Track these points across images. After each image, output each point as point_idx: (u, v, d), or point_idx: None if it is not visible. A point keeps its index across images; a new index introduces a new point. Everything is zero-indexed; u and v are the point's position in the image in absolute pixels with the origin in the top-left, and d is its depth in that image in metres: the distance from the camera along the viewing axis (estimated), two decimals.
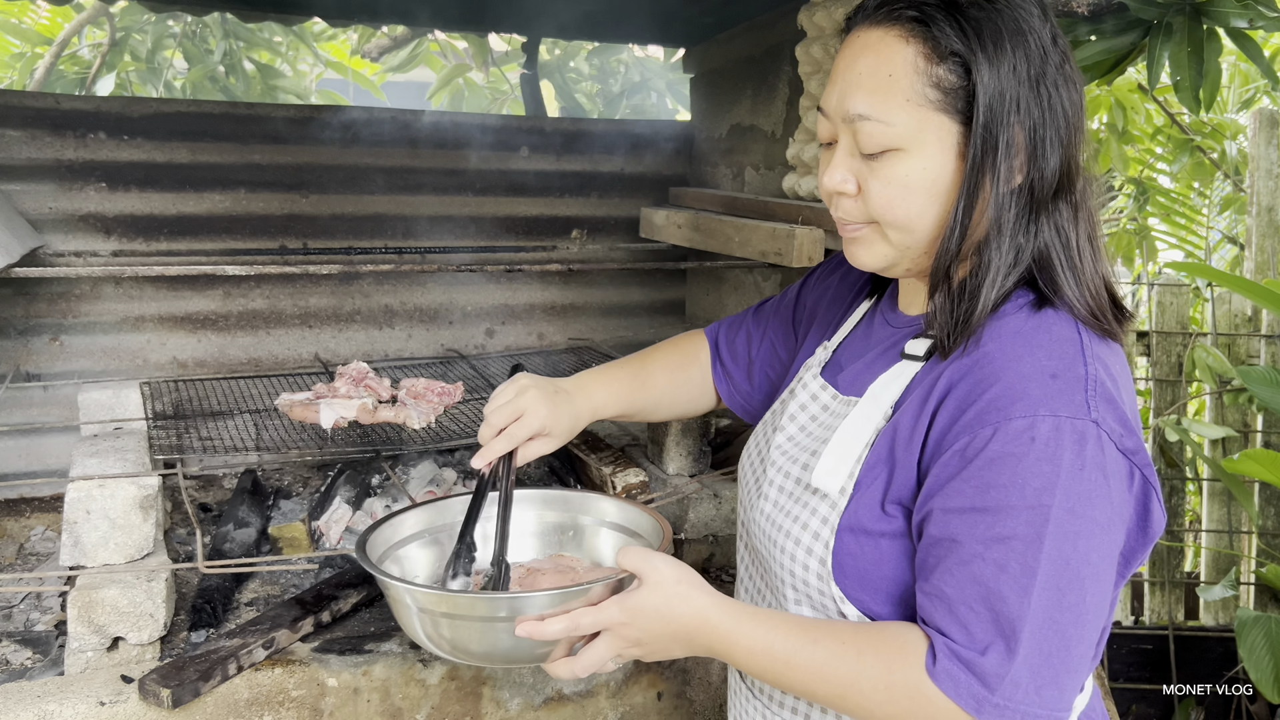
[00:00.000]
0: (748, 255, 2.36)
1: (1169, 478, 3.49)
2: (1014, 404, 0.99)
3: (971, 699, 0.97)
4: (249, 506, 2.32)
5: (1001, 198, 1.06)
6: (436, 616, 1.22)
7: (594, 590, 1.16)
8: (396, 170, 2.88)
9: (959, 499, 1.01)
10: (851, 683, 1.03)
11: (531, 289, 3.12)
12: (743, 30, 2.86)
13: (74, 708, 1.63)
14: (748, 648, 1.08)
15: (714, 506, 2.28)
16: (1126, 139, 4.05)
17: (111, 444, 2.08)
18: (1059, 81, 1.06)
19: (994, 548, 0.98)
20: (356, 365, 2.31)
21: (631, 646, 1.14)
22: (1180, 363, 3.54)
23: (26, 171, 2.51)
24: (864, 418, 1.15)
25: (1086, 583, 0.98)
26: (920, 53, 1.05)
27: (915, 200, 1.08)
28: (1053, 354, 1.02)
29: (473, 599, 1.24)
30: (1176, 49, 2.21)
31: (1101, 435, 0.99)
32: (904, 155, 1.07)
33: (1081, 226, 1.10)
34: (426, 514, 1.49)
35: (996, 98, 1.03)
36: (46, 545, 2.36)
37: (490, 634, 1.19)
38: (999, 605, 0.97)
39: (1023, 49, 1.04)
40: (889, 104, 1.06)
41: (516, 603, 1.16)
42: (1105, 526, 0.99)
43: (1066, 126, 1.07)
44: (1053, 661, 0.98)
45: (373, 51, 4.68)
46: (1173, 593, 3.53)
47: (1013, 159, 1.05)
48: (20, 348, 2.55)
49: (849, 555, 1.11)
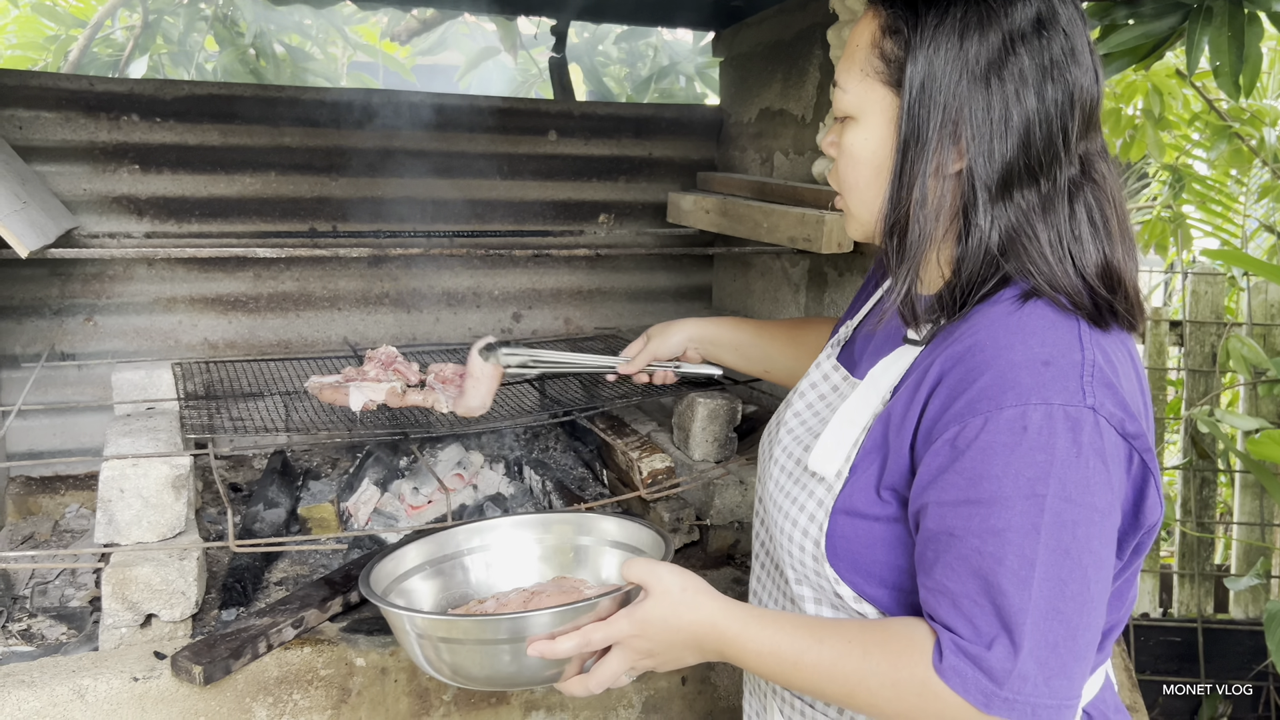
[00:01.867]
0: (776, 241, 2.35)
1: (1200, 469, 3.45)
2: (1005, 393, 0.98)
3: (980, 694, 0.97)
4: (279, 487, 2.34)
5: (934, 180, 1.06)
6: (437, 642, 1.21)
7: (601, 605, 1.16)
8: (425, 153, 2.88)
9: (953, 491, 1.00)
10: (859, 681, 1.03)
11: (558, 274, 3.12)
12: (773, 14, 2.84)
13: (108, 683, 1.66)
14: (755, 650, 1.09)
15: (740, 493, 2.28)
16: (1163, 125, 3.98)
17: (144, 423, 2.11)
18: (1024, 76, 1.04)
19: (990, 540, 0.97)
20: (385, 349, 2.33)
21: (644, 658, 1.15)
22: (1214, 353, 3.49)
23: (61, 153, 2.54)
24: (862, 402, 1.16)
25: (1089, 570, 0.97)
26: (878, 26, 1.10)
27: (861, 171, 1.13)
28: (1045, 341, 1.01)
29: (476, 621, 1.22)
30: (1216, 33, 2.17)
31: (1099, 420, 0.97)
32: (855, 124, 1.12)
33: (1062, 218, 1.06)
34: (428, 546, 1.49)
35: (927, 78, 1.05)
36: (81, 523, 2.40)
37: (495, 656, 1.19)
38: (1000, 599, 0.97)
39: (976, 36, 1.03)
40: (849, 72, 1.12)
41: (521, 622, 1.16)
42: (1105, 513, 0.98)
43: (1023, 121, 1.04)
44: (1060, 651, 0.97)
45: (402, 35, 4.69)
46: (1202, 585, 3.50)
47: (947, 144, 1.05)
48: (56, 327, 2.58)
49: (842, 538, 1.12)
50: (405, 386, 2.18)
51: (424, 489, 2.34)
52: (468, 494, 2.37)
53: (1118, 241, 1.09)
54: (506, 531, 1.54)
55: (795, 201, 2.36)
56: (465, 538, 1.50)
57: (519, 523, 1.53)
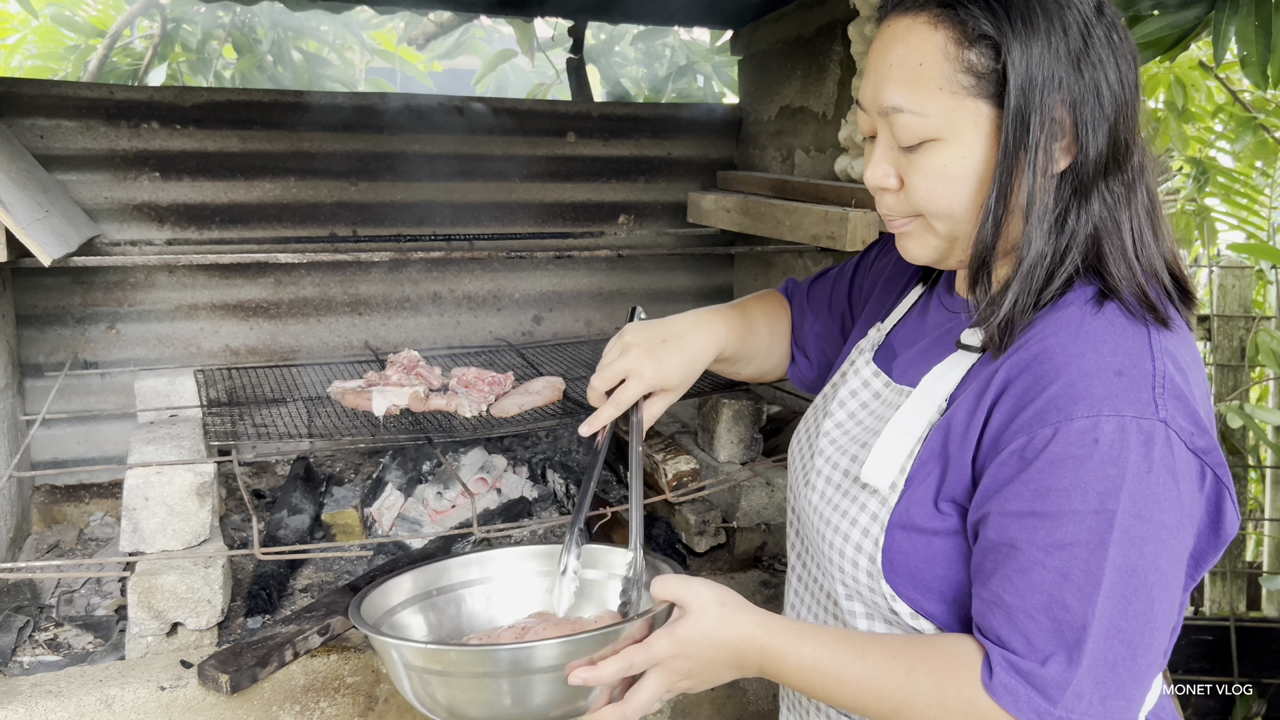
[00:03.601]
0: (799, 239, 2.33)
1: (1231, 465, 3.40)
2: (1076, 403, 0.95)
3: (1033, 712, 0.94)
4: (302, 493, 2.34)
5: (1041, 183, 1.01)
6: (427, 674, 1.10)
7: (631, 629, 1.09)
8: (443, 157, 2.88)
9: (1018, 502, 0.97)
10: (904, 699, 1.00)
11: (579, 275, 3.10)
12: (792, 10, 2.82)
13: (135, 692, 1.65)
14: (797, 664, 1.06)
15: (766, 494, 2.26)
16: (1186, 117, 3.94)
17: (167, 431, 2.11)
18: (1103, 56, 1.01)
19: (1055, 554, 0.94)
20: (408, 354, 2.32)
21: (683, 679, 1.10)
22: (1243, 347, 3.44)
23: (82, 162, 2.55)
24: (917, 411, 1.11)
25: (1154, 590, 0.94)
26: (950, 38, 1.01)
27: (957, 190, 1.04)
28: (1117, 349, 0.97)
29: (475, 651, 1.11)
30: (1243, 22, 2.13)
31: (1170, 435, 0.94)
32: (941, 145, 1.04)
33: (1137, 207, 1.04)
34: (424, 576, 1.35)
35: (1030, 79, 0.99)
36: (106, 531, 2.40)
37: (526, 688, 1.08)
38: (1061, 614, 0.94)
39: (1059, 24, 0.99)
40: (922, 94, 1.02)
41: (524, 653, 1.06)
42: (1174, 531, 0.95)
43: (1113, 103, 1.01)
44: (1118, 671, 0.94)
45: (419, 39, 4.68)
46: (1234, 583, 3.45)
47: (1053, 142, 1.01)
48: (78, 336, 2.59)
49: (900, 553, 1.08)
50: (428, 390, 2.17)
51: (448, 493, 2.33)
52: (491, 498, 2.36)
53: (1167, 230, 1.07)
54: (506, 563, 1.40)
55: (817, 199, 2.34)
56: (463, 567, 1.38)
57: (523, 553, 1.40)
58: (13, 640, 1.88)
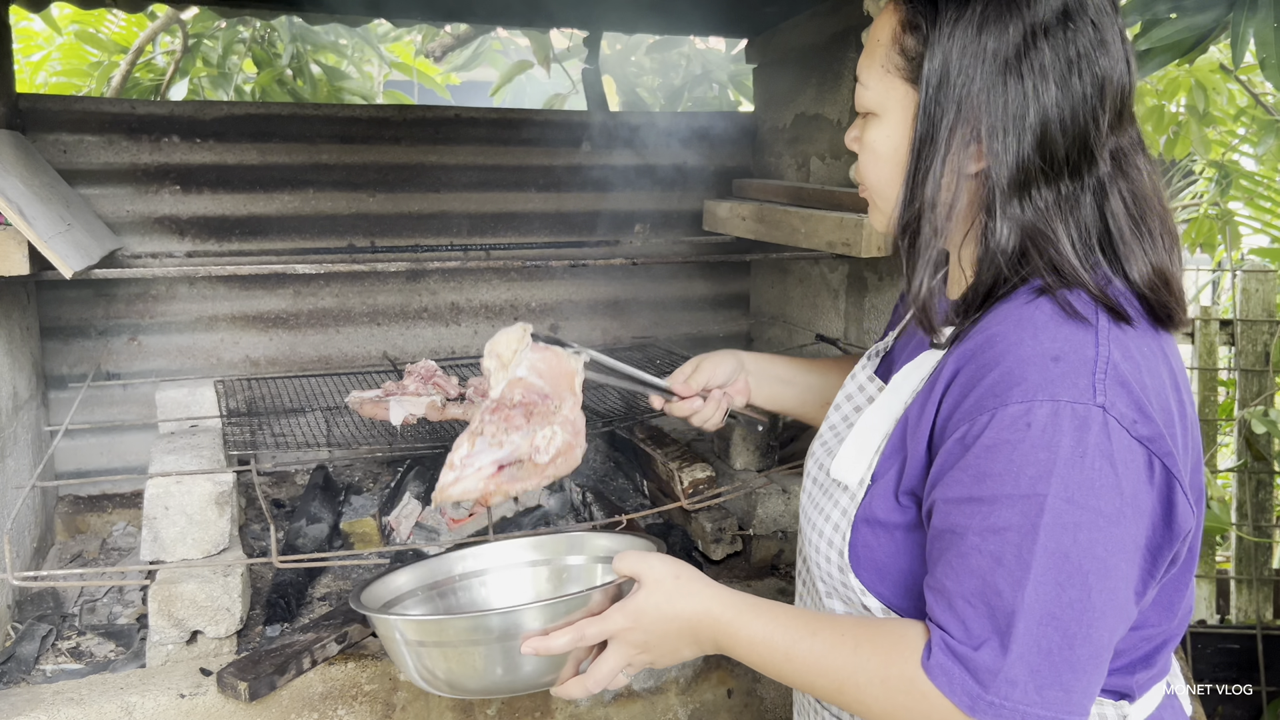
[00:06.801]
0: (814, 246, 2.33)
1: (1256, 472, 3.36)
2: (1011, 389, 0.95)
3: (965, 695, 0.94)
4: (321, 502, 2.35)
5: (952, 179, 1.03)
6: (428, 647, 1.17)
7: (593, 599, 1.14)
8: (460, 168, 2.90)
9: (958, 489, 0.97)
10: (848, 676, 1.01)
11: (595, 284, 3.11)
12: (806, 18, 2.82)
13: (155, 700, 1.67)
14: (749, 639, 1.07)
15: (782, 502, 2.25)
16: (1208, 121, 3.90)
17: (188, 441, 2.13)
18: (1044, 66, 0.99)
19: (990, 539, 0.94)
20: (425, 363, 2.33)
21: (640, 652, 1.13)
22: (1267, 351, 3.41)
23: (105, 175, 2.58)
24: (884, 408, 1.13)
25: (1090, 577, 0.92)
26: (898, 20, 1.07)
27: (882, 167, 1.10)
28: (1057, 336, 0.97)
29: (465, 619, 1.19)
30: (1262, 25, 2.12)
31: (1109, 421, 0.93)
32: (876, 120, 1.10)
33: (1083, 215, 1.02)
34: (420, 572, 1.46)
35: (944, 72, 1.01)
36: (128, 540, 2.42)
37: (486, 659, 1.15)
38: (994, 599, 0.93)
39: (996, 26, 0.99)
40: (870, 69, 1.10)
41: (510, 618, 1.13)
42: (1112, 518, 0.93)
43: (1040, 115, 1.00)
44: (1054, 660, 0.92)
45: (436, 51, 4.72)
46: (1260, 590, 3.41)
47: (964, 143, 1.02)
48: (101, 347, 2.62)
49: (865, 547, 1.10)
50: (445, 400, 2.18)
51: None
52: (508, 506, 2.36)
53: (1158, 236, 1.04)
54: (499, 554, 1.52)
55: (833, 206, 2.33)
56: (457, 563, 1.49)
57: (512, 543, 1.53)
58: (36, 648, 1.90)
